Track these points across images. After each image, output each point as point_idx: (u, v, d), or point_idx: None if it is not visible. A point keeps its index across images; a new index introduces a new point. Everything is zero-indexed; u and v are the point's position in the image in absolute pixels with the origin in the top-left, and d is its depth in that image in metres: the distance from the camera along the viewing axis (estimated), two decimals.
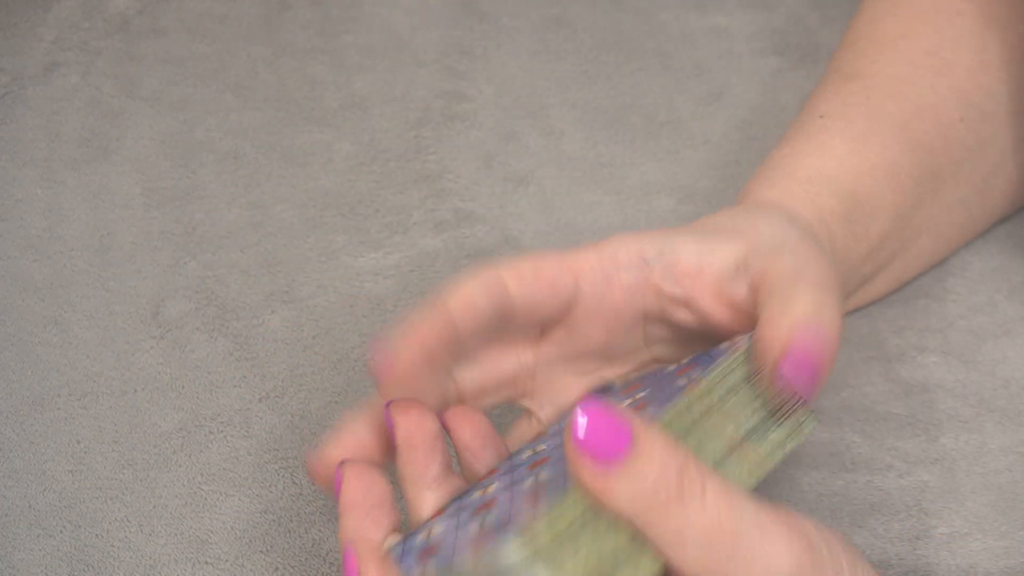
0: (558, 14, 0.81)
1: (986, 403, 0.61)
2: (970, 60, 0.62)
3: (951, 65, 0.62)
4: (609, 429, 0.43)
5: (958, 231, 0.64)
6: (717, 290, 0.52)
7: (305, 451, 0.60)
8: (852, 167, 0.58)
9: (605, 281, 0.53)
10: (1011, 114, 0.63)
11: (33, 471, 0.59)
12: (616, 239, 0.53)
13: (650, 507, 0.43)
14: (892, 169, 0.59)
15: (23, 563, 0.56)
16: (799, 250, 0.52)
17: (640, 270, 0.53)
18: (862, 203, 0.58)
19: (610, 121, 0.75)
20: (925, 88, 0.61)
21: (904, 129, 0.60)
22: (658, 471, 0.43)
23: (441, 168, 0.73)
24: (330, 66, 0.78)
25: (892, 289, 0.64)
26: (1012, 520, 0.56)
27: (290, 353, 0.64)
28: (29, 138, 0.75)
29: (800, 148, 0.59)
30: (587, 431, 0.43)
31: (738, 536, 0.43)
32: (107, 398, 0.62)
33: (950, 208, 0.62)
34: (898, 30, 0.63)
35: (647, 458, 0.43)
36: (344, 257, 0.68)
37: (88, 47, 0.80)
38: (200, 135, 0.75)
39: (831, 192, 0.57)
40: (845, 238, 0.57)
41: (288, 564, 0.56)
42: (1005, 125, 0.63)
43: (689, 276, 0.52)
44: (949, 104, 0.61)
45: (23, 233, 0.70)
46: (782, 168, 0.59)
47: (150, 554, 0.56)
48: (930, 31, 0.63)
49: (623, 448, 0.43)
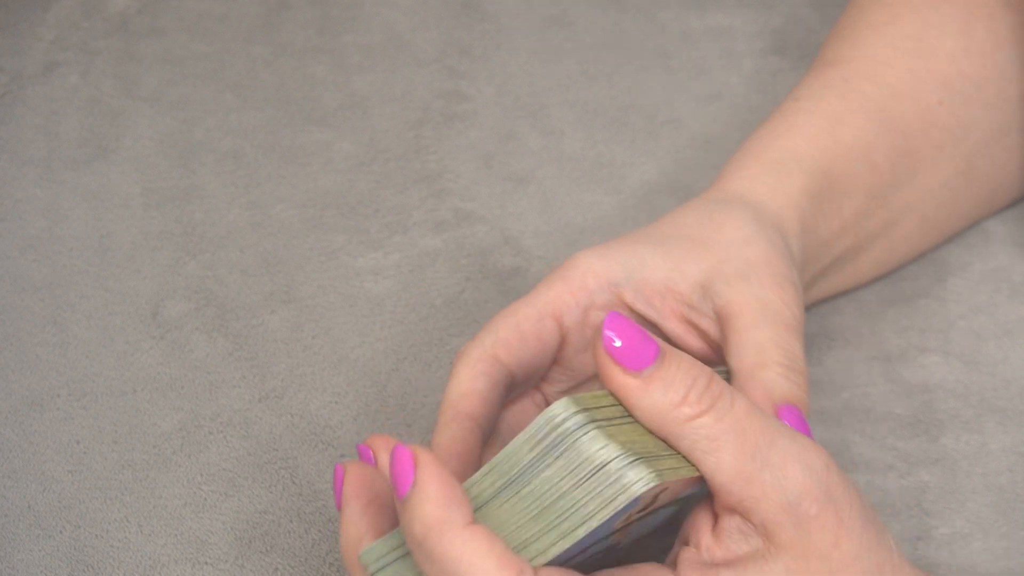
0: (558, 14, 0.81)
1: (987, 403, 0.60)
2: (953, 46, 0.62)
3: (933, 50, 0.62)
4: (638, 340, 0.45)
5: (944, 216, 0.64)
6: (682, 314, 0.54)
7: (305, 451, 0.60)
8: (823, 146, 0.59)
9: (583, 312, 0.54)
10: (995, 99, 0.63)
11: (32, 471, 0.59)
12: (581, 262, 0.54)
13: (683, 416, 0.45)
14: (866, 149, 0.60)
15: (23, 563, 0.56)
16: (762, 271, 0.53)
17: (611, 292, 0.54)
18: (834, 182, 0.59)
19: (610, 121, 0.75)
20: (904, 71, 0.62)
21: (881, 111, 0.61)
22: (689, 380, 0.45)
23: (441, 168, 0.72)
24: (330, 66, 0.78)
25: (881, 272, 0.64)
26: (1013, 521, 0.56)
27: (290, 353, 0.64)
28: (28, 138, 0.75)
29: (773, 130, 0.60)
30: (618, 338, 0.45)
31: (772, 439, 0.45)
32: (106, 398, 0.62)
33: (933, 191, 0.63)
34: (883, 17, 0.64)
35: (676, 367, 0.45)
36: (344, 257, 0.68)
37: (87, 47, 0.80)
38: (200, 135, 0.75)
39: (800, 170, 0.58)
40: (815, 215, 0.58)
41: (288, 564, 0.56)
42: (988, 109, 0.63)
43: (658, 295, 0.54)
44: (928, 87, 0.62)
45: (22, 233, 0.70)
46: (753, 150, 0.59)
47: (150, 554, 0.56)
48: (915, 18, 0.63)
49: (652, 358, 0.45)
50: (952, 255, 0.66)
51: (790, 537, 0.45)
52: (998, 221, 0.68)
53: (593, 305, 0.54)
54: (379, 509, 0.47)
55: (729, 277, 0.53)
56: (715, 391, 0.45)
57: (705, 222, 0.55)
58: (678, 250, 0.54)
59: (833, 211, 0.59)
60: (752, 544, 0.45)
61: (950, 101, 0.62)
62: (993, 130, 0.63)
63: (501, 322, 0.53)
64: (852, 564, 0.45)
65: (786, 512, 0.44)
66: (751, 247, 0.54)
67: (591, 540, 0.44)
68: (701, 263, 0.54)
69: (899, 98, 0.61)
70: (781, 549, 0.45)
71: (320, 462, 0.59)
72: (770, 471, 0.44)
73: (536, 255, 0.68)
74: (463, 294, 0.66)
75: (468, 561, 0.42)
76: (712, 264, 0.53)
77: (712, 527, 0.46)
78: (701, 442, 0.45)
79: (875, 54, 0.62)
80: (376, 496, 0.47)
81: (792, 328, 0.52)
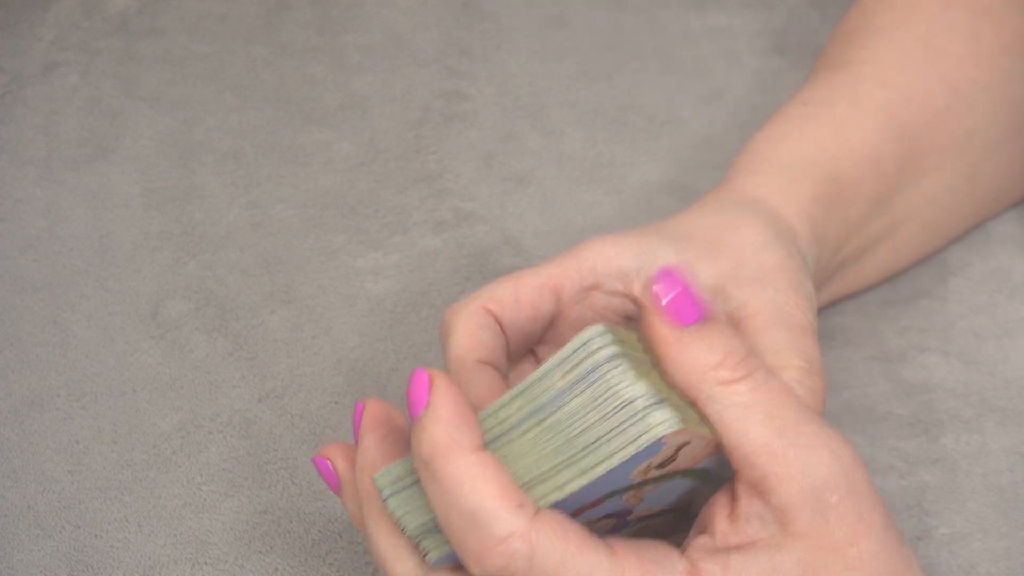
0: (558, 14, 0.81)
1: (987, 403, 0.60)
2: (961, 50, 0.62)
3: (942, 54, 0.62)
4: (687, 297, 0.45)
5: (947, 220, 0.64)
6: None
7: (305, 451, 0.60)
8: (833, 152, 0.59)
9: (584, 292, 0.53)
10: (1000, 105, 0.63)
11: (32, 471, 0.59)
12: (595, 246, 0.53)
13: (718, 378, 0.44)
14: (875, 155, 0.60)
15: (22, 563, 0.56)
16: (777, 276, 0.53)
17: (620, 280, 0.53)
18: (843, 187, 0.58)
19: (610, 121, 0.75)
20: (913, 76, 0.62)
21: (890, 116, 0.60)
22: (729, 347, 0.45)
23: (441, 168, 0.72)
24: (330, 66, 0.78)
25: (883, 276, 0.64)
26: (1013, 521, 0.56)
27: (290, 353, 0.64)
28: (28, 138, 0.75)
29: (782, 133, 0.60)
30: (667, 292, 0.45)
31: (803, 421, 0.44)
32: (106, 398, 0.62)
33: (937, 196, 0.62)
34: (890, 20, 0.63)
35: (719, 332, 0.45)
36: (344, 257, 0.68)
37: (87, 47, 0.80)
38: (200, 135, 0.75)
39: (811, 177, 0.58)
40: (824, 222, 0.58)
41: (288, 564, 0.56)
42: (993, 115, 0.63)
43: None
44: (937, 92, 0.62)
45: (22, 233, 0.70)
46: (763, 153, 0.59)
47: (149, 554, 0.56)
48: (922, 21, 0.63)
49: (697, 318, 0.45)
50: (953, 255, 0.66)
51: (807, 525, 0.44)
52: (999, 221, 0.68)
53: (599, 288, 0.53)
54: (395, 442, 0.47)
55: (743, 281, 0.53)
56: (753, 363, 0.45)
57: (722, 224, 0.54)
58: (692, 250, 0.53)
59: (840, 217, 0.58)
60: (768, 531, 0.44)
61: (957, 106, 0.62)
62: (998, 135, 0.63)
63: (500, 283, 0.53)
64: (868, 563, 0.44)
65: (807, 497, 0.44)
66: (768, 252, 0.53)
67: (607, 487, 0.44)
68: (715, 265, 0.53)
69: (908, 103, 0.61)
70: (796, 539, 0.44)
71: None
72: (796, 452, 0.44)
73: (536, 255, 0.68)
74: (463, 294, 0.66)
75: (471, 485, 0.42)
76: (727, 267, 0.53)
77: (729, 512, 0.45)
78: (732, 408, 0.44)
79: (884, 58, 0.62)
80: (393, 429, 0.47)
81: (808, 331, 0.52)
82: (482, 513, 0.42)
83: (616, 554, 0.44)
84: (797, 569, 0.44)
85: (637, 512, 0.47)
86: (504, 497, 0.42)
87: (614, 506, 0.46)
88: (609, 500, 0.45)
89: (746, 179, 0.58)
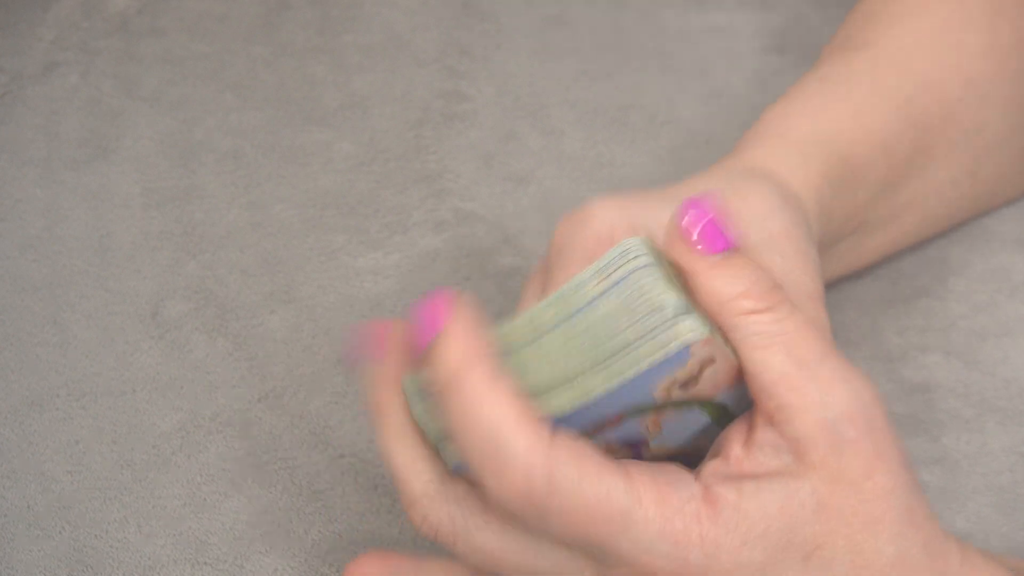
0: (558, 14, 0.81)
1: (988, 403, 0.60)
2: (978, 42, 0.62)
3: (959, 44, 0.62)
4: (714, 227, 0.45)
5: (946, 211, 0.64)
6: None
7: (305, 451, 0.60)
8: (847, 133, 0.59)
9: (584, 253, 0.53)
10: (1010, 102, 0.63)
11: (31, 471, 0.59)
12: (597, 207, 0.53)
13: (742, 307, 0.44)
14: (889, 141, 0.59)
15: (22, 564, 0.56)
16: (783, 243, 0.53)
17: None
18: (854, 170, 0.58)
19: (610, 121, 0.75)
20: (931, 63, 0.61)
21: (907, 102, 0.60)
22: (754, 278, 0.45)
23: (441, 168, 0.72)
24: (330, 66, 0.78)
25: (874, 261, 0.64)
26: (1014, 521, 0.56)
27: (290, 353, 0.64)
28: (28, 138, 0.75)
29: (796, 108, 0.60)
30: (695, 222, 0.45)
31: (824, 355, 0.44)
32: (106, 398, 0.62)
33: (940, 187, 0.62)
34: (910, 7, 0.63)
35: (744, 264, 0.45)
36: (344, 257, 0.68)
37: (87, 47, 0.80)
38: (200, 135, 0.75)
39: (823, 155, 0.58)
40: (832, 201, 0.58)
41: (288, 564, 0.56)
42: (1003, 111, 0.63)
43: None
44: (952, 83, 0.61)
45: (22, 233, 0.70)
46: (775, 126, 0.59)
47: (149, 555, 0.56)
48: (942, 9, 0.63)
49: (723, 248, 0.45)
50: (953, 254, 0.66)
51: (822, 457, 0.43)
52: (999, 221, 0.68)
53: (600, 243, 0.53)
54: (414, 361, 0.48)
55: (749, 248, 0.52)
56: (777, 296, 0.45)
57: (728, 191, 0.54)
58: None
59: (847, 198, 0.58)
60: (782, 460, 0.44)
61: (970, 99, 0.62)
62: (1005, 132, 0.63)
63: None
64: (883, 498, 0.44)
65: (823, 430, 0.43)
66: (774, 220, 0.53)
67: (630, 399, 0.44)
68: None
69: (925, 90, 0.61)
70: (811, 469, 0.44)
71: (320, 462, 0.59)
72: (816, 384, 0.44)
73: (536, 255, 0.68)
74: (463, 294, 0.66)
75: (489, 408, 0.42)
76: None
77: (745, 440, 0.45)
78: (754, 337, 0.44)
79: (903, 43, 0.62)
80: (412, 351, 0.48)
81: (815, 297, 0.51)
82: (500, 436, 0.42)
83: (631, 476, 0.44)
84: (811, 499, 0.44)
85: (653, 447, 0.47)
86: (522, 420, 0.43)
87: (632, 431, 0.46)
88: (629, 421, 0.45)
89: (755, 151, 0.58)
